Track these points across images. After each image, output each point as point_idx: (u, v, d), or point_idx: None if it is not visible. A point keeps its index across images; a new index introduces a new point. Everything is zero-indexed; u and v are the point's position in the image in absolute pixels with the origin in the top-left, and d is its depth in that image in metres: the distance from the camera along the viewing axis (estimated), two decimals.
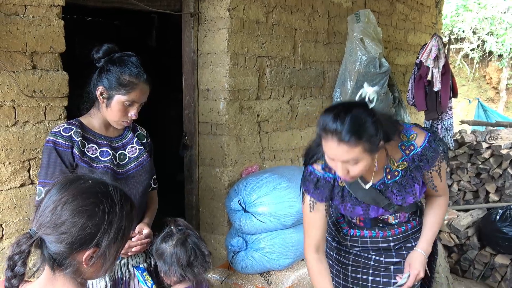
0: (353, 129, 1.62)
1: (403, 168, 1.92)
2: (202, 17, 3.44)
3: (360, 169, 1.72)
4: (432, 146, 1.90)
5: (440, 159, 1.93)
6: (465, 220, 4.48)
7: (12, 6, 2.14)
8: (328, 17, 4.48)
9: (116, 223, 1.13)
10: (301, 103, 4.24)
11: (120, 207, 1.14)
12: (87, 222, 1.09)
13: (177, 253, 1.88)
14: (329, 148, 1.70)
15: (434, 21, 6.83)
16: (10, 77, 2.15)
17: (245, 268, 3.27)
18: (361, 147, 1.65)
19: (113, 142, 2.02)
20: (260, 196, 3.17)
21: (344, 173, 1.73)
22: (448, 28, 13.68)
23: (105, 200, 1.12)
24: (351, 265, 2.18)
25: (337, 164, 1.72)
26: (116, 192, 1.16)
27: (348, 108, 1.68)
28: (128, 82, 1.88)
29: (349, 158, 1.68)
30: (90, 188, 1.13)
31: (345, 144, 1.64)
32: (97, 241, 1.11)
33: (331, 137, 1.65)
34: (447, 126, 4.39)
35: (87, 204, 1.11)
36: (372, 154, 1.71)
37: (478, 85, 14.47)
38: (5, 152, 2.19)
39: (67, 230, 1.09)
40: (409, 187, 1.94)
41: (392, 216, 2.07)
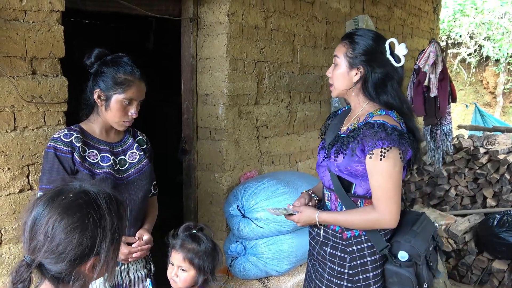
0: (352, 35, 1.89)
1: (352, 129, 1.88)
2: (201, 22, 3.45)
3: (335, 73, 1.92)
4: (374, 128, 1.76)
5: (371, 148, 1.75)
6: (463, 225, 4.48)
7: (12, 12, 2.14)
8: (327, 22, 4.50)
9: (109, 226, 1.12)
10: (299, 108, 4.25)
11: (108, 210, 1.13)
12: (82, 237, 1.09)
13: (215, 251, 1.92)
14: None
15: (431, 26, 6.86)
16: (9, 83, 2.15)
17: (244, 274, 3.27)
18: (345, 50, 1.88)
19: (114, 147, 2.02)
20: (259, 202, 3.17)
21: (330, 72, 1.96)
22: (445, 33, 13.73)
23: (91, 210, 1.11)
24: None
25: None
26: (99, 196, 1.14)
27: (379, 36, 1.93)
28: (124, 80, 1.90)
29: (334, 53, 1.93)
30: (73, 202, 1.12)
31: (342, 41, 1.93)
32: (96, 250, 1.11)
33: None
34: (446, 131, 4.39)
35: (76, 220, 1.09)
36: (348, 65, 1.88)
37: (475, 89, 14.52)
38: (4, 157, 2.18)
39: (63, 249, 1.08)
40: (338, 150, 1.86)
41: (327, 193, 1.99)
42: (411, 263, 1.85)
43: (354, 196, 1.88)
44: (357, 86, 1.90)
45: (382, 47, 1.87)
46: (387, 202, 1.79)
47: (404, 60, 1.88)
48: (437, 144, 4.45)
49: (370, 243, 1.89)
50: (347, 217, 1.86)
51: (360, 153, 1.79)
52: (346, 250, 1.91)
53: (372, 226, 1.84)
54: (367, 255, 1.89)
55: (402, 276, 1.84)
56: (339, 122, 2.04)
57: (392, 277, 1.88)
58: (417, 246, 1.86)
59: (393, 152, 1.75)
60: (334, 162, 1.86)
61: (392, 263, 1.86)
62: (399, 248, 1.86)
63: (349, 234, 1.90)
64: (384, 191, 1.78)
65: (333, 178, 1.90)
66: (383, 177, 1.77)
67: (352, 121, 1.94)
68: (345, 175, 1.86)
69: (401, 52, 1.87)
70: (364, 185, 1.86)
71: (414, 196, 5.31)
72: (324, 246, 1.98)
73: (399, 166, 1.79)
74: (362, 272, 1.89)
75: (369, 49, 1.86)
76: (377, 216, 1.80)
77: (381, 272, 1.90)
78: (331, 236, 1.96)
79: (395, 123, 1.80)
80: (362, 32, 1.91)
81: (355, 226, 1.87)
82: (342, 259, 1.93)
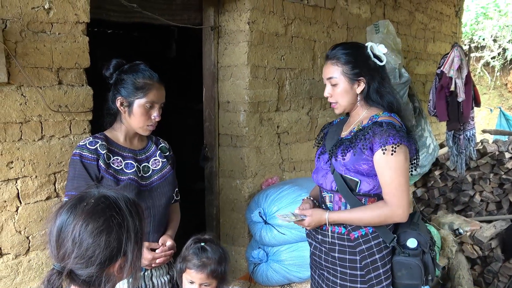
0: (339, 53, 1.95)
1: (357, 130, 1.96)
2: (222, 30, 3.48)
3: (337, 92, 1.97)
4: (383, 126, 1.84)
5: (383, 144, 1.81)
6: (488, 231, 4.40)
7: (39, 24, 2.20)
8: (347, 28, 4.49)
9: (132, 227, 1.16)
10: (320, 114, 4.25)
11: (128, 212, 1.17)
12: (109, 239, 1.13)
13: (225, 252, 1.96)
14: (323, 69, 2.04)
15: (454, 30, 6.79)
16: (37, 93, 2.21)
17: (266, 280, 3.27)
18: (341, 69, 1.94)
19: (137, 154, 2.06)
20: (280, 208, 3.18)
21: (329, 92, 2.01)
22: (468, 36, 13.55)
23: (114, 213, 1.15)
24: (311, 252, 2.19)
25: (326, 84, 2.02)
26: (118, 199, 1.18)
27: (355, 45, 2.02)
28: (144, 84, 1.95)
29: (328, 76, 1.98)
30: (96, 207, 1.15)
31: (328, 61, 1.99)
32: (123, 250, 1.15)
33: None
34: (469, 136, 4.33)
35: (101, 223, 1.13)
36: (349, 80, 1.93)
37: (500, 93, 14.26)
38: (32, 165, 2.24)
39: (92, 253, 1.12)
40: (345, 149, 1.92)
41: (328, 195, 2.02)
42: (418, 252, 1.92)
43: (359, 194, 1.93)
44: (360, 97, 1.99)
45: (366, 53, 1.97)
46: (400, 196, 1.85)
47: (385, 58, 1.99)
48: (460, 149, 4.39)
49: (377, 240, 1.94)
50: (360, 213, 1.90)
51: (369, 151, 1.86)
52: (355, 251, 1.95)
53: (385, 220, 1.90)
54: (376, 252, 1.94)
55: (412, 265, 1.91)
56: (337, 129, 2.11)
57: (401, 269, 1.93)
58: (423, 234, 1.95)
59: (403, 148, 1.84)
60: (342, 161, 1.92)
61: (400, 254, 1.93)
62: (407, 237, 1.94)
63: (356, 234, 1.95)
64: (396, 185, 1.84)
65: (337, 178, 1.95)
66: (396, 172, 1.83)
67: (354, 125, 2.01)
68: (352, 173, 1.91)
69: (381, 51, 1.99)
70: (370, 181, 1.91)
71: (438, 202, 5.23)
72: (332, 252, 2.01)
73: (408, 162, 1.88)
74: (373, 270, 1.94)
75: (360, 59, 1.96)
76: (390, 210, 1.86)
77: (390, 268, 1.96)
78: (337, 240, 1.99)
79: (399, 123, 1.90)
80: (342, 47, 2.00)
81: (367, 222, 1.91)
82: (352, 262, 1.97)
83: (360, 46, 2.01)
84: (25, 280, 2.27)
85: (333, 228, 1.98)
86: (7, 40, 2.09)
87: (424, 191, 5.26)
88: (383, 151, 1.82)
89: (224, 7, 3.45)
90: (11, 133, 2.15)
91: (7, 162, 2.15)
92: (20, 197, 2.22)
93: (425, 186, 5.26)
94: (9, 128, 2.14)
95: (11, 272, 2.22)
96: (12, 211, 2.20)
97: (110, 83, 2.02)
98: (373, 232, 1.94)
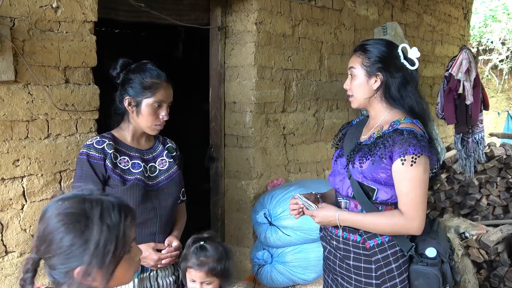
0: (365, 45, 1.92)
1: (377, 136, 1.89)
2: (229, 30, 3.48)
3: (354, 84, 1.95)
4: (404, 135, 1.76)
5: (403, 154, 1.74)
6: (495, 235, 4.37)
7: (47, 23, 2.20)
8: (355, 29, 4.48)
9: (95, 239, 1.12)
10: (327, 115, 4.23)
11: (99, 223, 1.13)
12: (64, 244, 1.12)
13: (227, 249, 1.94)
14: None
15: (462, 33, 6.75)
16: (44, 91, 2.21)
17: (270, 282, 3.26)
18: (361, 60, 1.91)
19: (144, 154, 2.05)
20: (285, 209, 3.16)
21: (348, 84, 2.00)
22: (476, 39, 13.48)
23: (80, 220, 1.13)
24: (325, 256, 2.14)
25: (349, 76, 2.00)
26: (94, 207, 1.15)
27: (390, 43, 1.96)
28: (151, 83, 1.94)
29: (349, 66, 1.96)
30: (66, 209, 1.15)
31: (354, 53, 1.96)
32: (81, 260, 1.12)
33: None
34: (478, 139, 4.29)
35: (62, 226, 1.13)
36: (366, 73, 1.90)
37: (507, 96, 14.18)
38: (38, 164, 2.24)
39: (54, 253, 1.14)
40: (363, 157, 1.85)
41: (344, 201, 1.96)
42: (437, 261, 1.85)
43: (376, 202, 1.87)
44: (379, 94, 1.92)
45: (396, 53, 1.91)
46: (416, 209, 1.78)
47: (418, 63, 1.91)
48: (469, 152, 4.35)
49: (393, 249, 1.88)
50: (373, 219, 1.84)
51: (388, 160, 1.79)
52: (371, 260, 1.89)
53: (398, 231, 1.83)
54: (392, 261, 1.87)
55: (430, 275, 1.83)
56: (356, 131, 2.04)
57: (418, 279, 1.86)
58: (443, 243, 1.89)
59: (423, 159, 1.76)
60: (359, 169, 1.85)
61: (418, 263, 1.86)
62: (426, 246, 1.87)
63: (372, 243, 1.88)
64: (413, 197, 1.78)
65: (354, 184, 1.89)
66: (414, 183, 1.77)
67: (374, 129, 1.94)
68: (369, 181, 1.85)
69: (414, 55, 1.91)
70: (388, 191, 1.85)
71: (444, 205, 5.20)
72: (346, 259, 1.95)
73: (427, 174, 1.79)
74: (389, 279, 1.87)
75: (384, 55, 1.89)
76: (405, 221, 1.79)
77: (407, 277, 1.89)
78: (352, 248, 1.93)
79: (421, 131, 1.82)
80: (373, 41, 1.96)
81: (380, 229, 1.85)
82: (367, 270, 1.91)
83: (390, 43, 1.95)
84: None
85: (348, 235, 1.93)
86: (15, 38, 2.09)
87: (430, 194, 5.22)
88: (402, 162, 1.75)
89: (231, 7, 3.45)
90: (17, 131, 2.16)
91: (13, 160, 2.16)
92: (26, 195, 2.22)
93: (431, 189, 5.22)
94: (15, 126, 2.15)
95: (16, 270, 2.22)
96: (17, 209, 2.20)
97: (117, 83, 2.01)
98: (389, 240, 1.87)
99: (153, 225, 2.00)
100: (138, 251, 1.26)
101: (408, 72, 1.91)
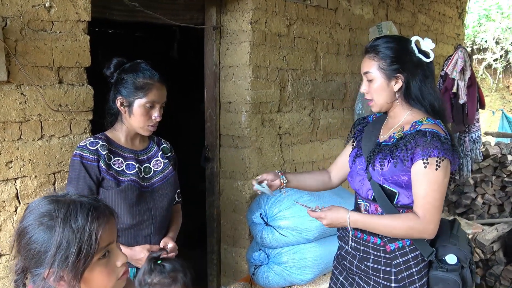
0: (378, 46, 1.84)
1: (398, 137, 1.84)
2: (224, 30, 3.46)
3: (373, 88, 1.86)
4: (427, 136, 1.71)
5: (426, 156, 1.70)
6: (490, 234, 4.39)
7: (40, 22, 2.18)
8: (350, 29, 4.47)
9: (57, 242, 1.10)
10: (322, 115, 4.23)
11: (62, 226, 1.11)
12: (31, 243, 1.13)
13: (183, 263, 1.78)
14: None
15: (457, 32, 6.76)
16: (37, 92, 2.19)
17: (267, 282, 3.25)
18: (377, 63, 1.83)
19: (139, 155, 2.04)
20: (282, 210, 3.15)
21: (365, 88, 1.90)
22: (470, 38, 13.53)
23: (45, 219, 1.13)
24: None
25: (364, 80, 1.90)
26: (60, 208, 1.14)
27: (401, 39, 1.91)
28: (144, 84, 1.93)
29: (364, 71, 1.87)
30: (37, 209, 1.15)
31: (366, 55, 1.87)
32: (44, 261, 1.12)
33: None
34: (474, 138, 4.31)
35: (29, 224, 1.14)
36: (386, 76, 1.83)
37: (502, 95, 14.24)
38: (31, 165, 2.21)
39: (23, 250, 1.15)
40: (384, 158, 1.80)
41: (364, 204, 1.93)
42: (457, 267, 1.81)
43: (397, 206, 1.82)
44: (399, 95, 1.86)
45: (410, 48, 1.84)
46: (434, 212, 1.74)
47: (433, 54, 1.85)
48: (466, 151, 4.36)
49: (414, 253, 1.84)
50: (388, 222, 1.79)
51: (409, 162, 1.75)
52: (391, 263, 1.86)
53: (412, 234, 1.79)
54: (413, 265, 1.84)
55: (450, 281, 1.79)
56: (374, 130, 1.98)
57: (438, 284, 1.83)
58: (464, 249, 1.84)
59: (446, 162, 1.72)
60: (380, 171, 1.81)
61: (438, 269, 1.82)
62: (446, 252, 1.83)
63: (392, 246, 1.85)
64: (430, 200, 1.74)
65: (374, 187, 1.84)
66: (433, 186, 1.72)
67: (394, 129, 1.89)
68: (390, 184, 1.81)
69: (428, 47, 1.85)
70: (409, 194, 1.80)
71: None
72: (366, 261, 1.92)
73: (447, 178, 1.75)
74: (409, 283, 1.84)
75: (400, 54, 1.83)
76: (422, 225, 1.75)
77: (427, 281, 1.86)
78: (371, 250, 1.90)
79: (443, 133, 1.77)
80: (384, 41, 1.87)
81: (394, 232, 1.80)
82: (387, 273, 1.87)
83: (402, 40, 1.89)
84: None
85: (368, 237, 1.90)
86: (7, 38, 2.06)
87: None
88: (424, 164, 1.71)
89: (226, 7, 3.43)
90: (10, 133, 2.13)
91: (6, 162, 2.13)
92: (19, 197, 2.20)
93: None
94: (8, 127, 2.12)
95: (9, 273, 2.19)
96: (11, 211, 2.18)
97: (111, 82, 2.00)
98: (410, 244, 1.84)
99: (148, 227, 1.99)
100: (121, 256, 1.21)
101: (426, 67, 1.85)
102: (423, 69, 1.84)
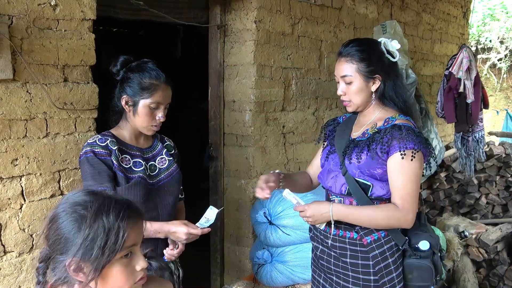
0: (353, 50, 1.90)
1: (372, 133, 1.92)
2: (229, 29, 3.46)
3: (351, 90, 1.91)
4: (403, 130, 1.81)
5: (403, 149, 1.78)
6: (494, 234, 4.37)
7: (45, 21, 2.18)
8: (354, 28, 4.47)
9: (83, 236, 1.12)
10: (326, 114, 4.22)
11: (91, 221, 1.13)
12: (58, 231, 1.15)
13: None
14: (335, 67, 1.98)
15: (461, 31, 6.75)
16: (42, 90, 2.19)
17: (270, 281, 3.25)
18: (355, 66, 1.89)
19: (144, 153, 2.04)
20: (285, 208, 3.15)
21: (343, 91, 1.95)
22: (474, 38, 13.49)
23: (78, 209, 1.15)
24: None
25: (339, 82, 1.95)
26: (95, 201, 1.17)
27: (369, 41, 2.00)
28: (150, 85, 1.93)
29: (342, 74, 1.92)
30: (72, 198, 1.19)
31: (342, 58, 1.92)
32: (68, 251, 1.14)
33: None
34: (478, 138, 4.29)
35: (62, 210, 1.17)
36: (364, 78, 1.89)
37: (506, 95, 14.19)
38: (36, 163, 2.22)
39: (52, 235, 1.18)
40: (361, 152, 1.87)
41: (338, 199, 1.97)
42: (429, 253, 1.91)
43: (371, 198, 1.89)
44: (375, 95, 1.95)
45: (381, 49, 1.93)
46: (412, 202, 1.82)
47: (398, 54, 1.95)
48: (469, 151, 4.35)
49: (389, 244, 1.91)
50: (370, 212, 1.85)
51: (385, 155, 1.83)
52: (368, 256, 1.92)
53: (393, 224, 1.87)
54: (389, 256, 1.91)
55: (423, 267, 1.89)
56: (347, 128, 2.05)
57: (412, 272, 1.91)
58: (434, 235, 1.94)
59: (420, 155, 1.82)
60: (356, 164, 1.88)
61: (412, 257, 1.91)
62: (418, 239, 1.92)
63: (369, 239, 1.91)
64: (408, 191, 1.82)
65: (349, 181, 1.90)
66: (410, 177, 1.81)
67: (367, 126, 1.97)
68: (365, 177, 1.88)
69: (395, 47, 1.95)
70: (383, 186, 1.88)
71: (443, 204, 5.19)
72: (343, 257, 1.96)
73: (421, 169, 1.85)
74: (386, 274, 1.91)
75: (375, 56, 1.92)
76: (401, 214, 1.82)
77: (402, 270, 1.93)
78: (348, 245, 1.95)
79: (417, 128, 1.88)
80: (357, 43, 1.95)
81: (375, 222, 1.87)
82: (365, 267, 1.93)
83: (374, 42, 1.98)
84: (28, 278, 2.26)
85: (344, 233, 1.95)
86: (13, 36, 2.07)
87: (430, 193, 5.22)
88: (402, 156, 1.79)
89: (230, 5, 3.44)
90: (16, 130, 2.14)
91: (11, 159, 2.14)
92: (24, 194, 2.20)
93: (431, 188, 5.22)
94: (14, 125, 2.13)
95: (14, 270, 2.20)
96: (16, 209, 2.18)
97: (117, 80, 2.00)
98: (385, 236, 1.91)
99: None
100: (141, 261, 1.21)
101: (395, 66, 1.96)
102: (394, 68, 1.95)
